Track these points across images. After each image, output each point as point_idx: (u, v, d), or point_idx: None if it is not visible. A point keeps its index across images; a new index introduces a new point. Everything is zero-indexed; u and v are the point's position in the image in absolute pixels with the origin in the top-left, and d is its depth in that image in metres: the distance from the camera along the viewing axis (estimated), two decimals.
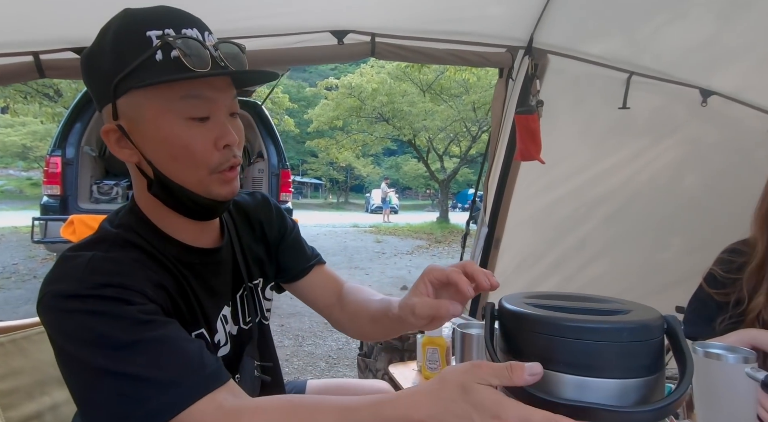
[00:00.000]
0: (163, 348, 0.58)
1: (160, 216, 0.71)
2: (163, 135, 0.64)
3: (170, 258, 0.70)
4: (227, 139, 0.67)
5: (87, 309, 0.58)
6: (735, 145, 1.82)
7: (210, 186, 0.68)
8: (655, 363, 0.50)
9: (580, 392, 0.49)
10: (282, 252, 0.91)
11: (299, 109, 19.28)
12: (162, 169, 0.67)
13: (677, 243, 2.11)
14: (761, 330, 1.11)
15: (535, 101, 1.70)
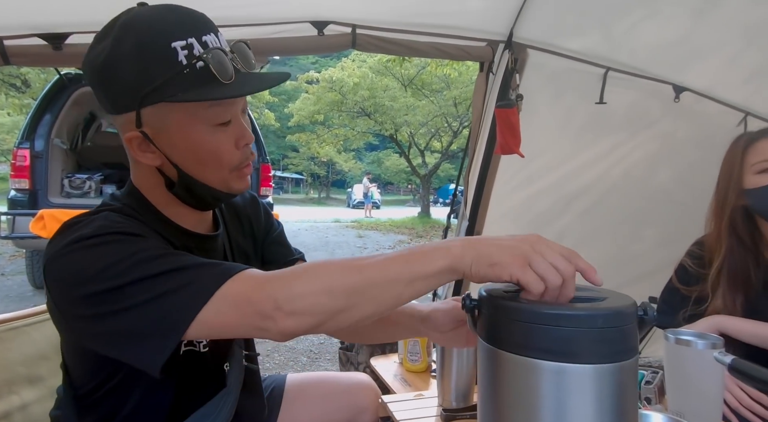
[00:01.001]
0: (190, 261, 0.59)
1: (162, 203, 0.73)
2: (192, 142, 0.67)
3: (171, 240, 0.72)
4: (246, 139, 0.71)
5: (112, 239, 0.60)
6: (706, 140, 1.87)
7: (230, 182, 0.72)
8: (630, 348, 0.52)
9: (558, 378, 0.50)
10: (267, 248, 0.93)
11: (280, 102, 19.01)
12: (188, 171, 0.69)
13: (651, 236, 2.17)
14: (728, 317, 1.15)
15: (515, 95, 1.72)
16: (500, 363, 0.54)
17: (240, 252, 0.88)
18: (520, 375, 0.52)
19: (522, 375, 0.52)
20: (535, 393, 0.51)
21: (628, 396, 0.52)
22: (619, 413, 0.51)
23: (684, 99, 1.78)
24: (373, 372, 1.52)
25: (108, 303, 0.57)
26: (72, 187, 3.84)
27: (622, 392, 0.51)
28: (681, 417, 0.90)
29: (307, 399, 1.02)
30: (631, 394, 0.53)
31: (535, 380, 0.51)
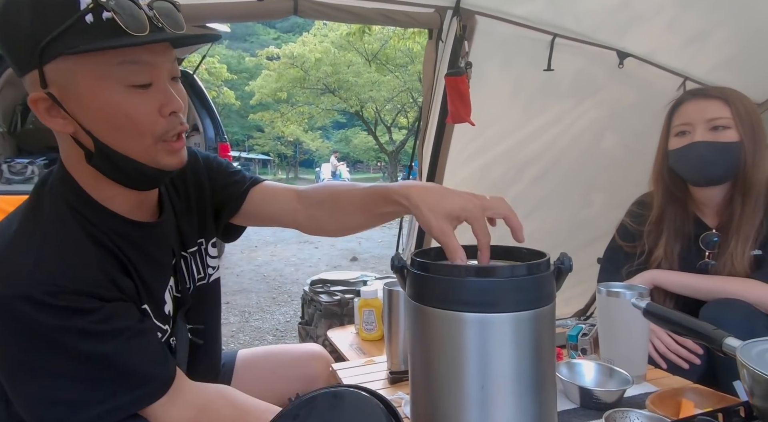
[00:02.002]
0: (116, 360, 0.60)
1: (96, 187, 0.67)
2: (102, 103, 0.60)
3: (109, 232, 0.66)
4: (172, 106, 0.64)
5: (40, 318, 0.57)
6: (649, 105, 1.93)
7: (157, 155, 0.65)
8: (545, 296, 0.54)
9: (480, 327, 0.53)
10: (219, 190, 0.89)
11: (240, 80, 18.31)
12: (103, 139, 0.62)
13: (600, 201, 2.25)
14: (661, 270, 1.22)
15: (464, 63, 1.71)
16: (426, 318, 0.56)
17: (191, 223, 0.84)
18: (444, 328, 0.54)
19: (447, 328, 0.54)
20: (460, 343, 0.53)
21: (545, 341, 0.55)
22: (538, 356, 0.54)
23: (627, 65, 1.83)
24: (331, 345, 1.54)
25: (31, 377, 0.58)
26: (12, 173, 3.61)
27: (540, 337, 0.54)
28: (611, 364, 0.96)
29: (257, 373, 1.01)
30: (547, 338, 0.56)
31: (459, 331, 0.53)
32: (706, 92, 1.17)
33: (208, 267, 0.88)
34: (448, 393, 0.54)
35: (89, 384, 0.59)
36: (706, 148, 1.13)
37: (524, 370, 0.53)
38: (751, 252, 1.12)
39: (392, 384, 0.99)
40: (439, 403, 0.55)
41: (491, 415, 0.52)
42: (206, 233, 0.88)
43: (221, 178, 0.90)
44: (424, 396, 0.57)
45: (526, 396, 0.53)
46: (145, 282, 0.70)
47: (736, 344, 0.58)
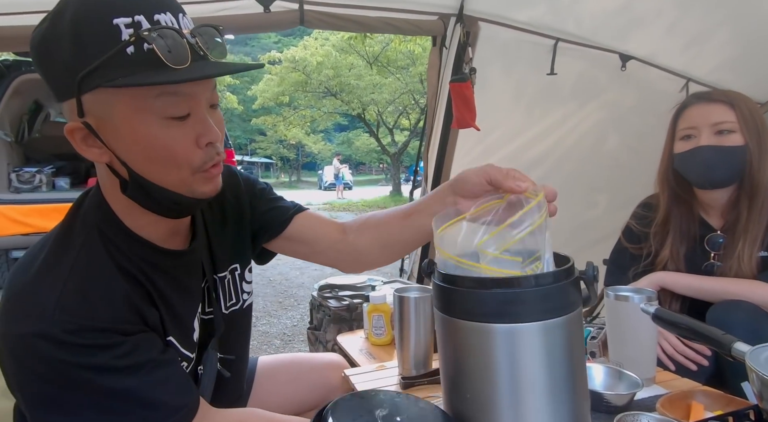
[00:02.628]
0: (139, 395, 0.60)
1: (130, 215, 0.66)
2: (139, 136, 0.59)
3: (140, 262, 0.66)
4: (210, 137, 0.62)
5: (61, 356, 0.56)
6: (651, 107, 1.95)
7: (193, 185, 0.64)
8: (571, 303, 0.55)
9: (509, 337, 0.54)
10: (259, 215, 0.87)
11: (242, 84, 18.40)
12: (139, 170, 0.61)
13: (603, 202, 2.27)
14: (667, 272, 1.23)
15: (468, 69, 1.73)
16: (454, 330, 0.57)
17: (224, 247, 0.82)
18: (474, 339, 0.55)
19: (476, 339, 0.55)
20: (490, 354, 0.54)
21: (573, 347, 0.56)
22: (567, 363, 0.55)
23: (630, 67, 1.84)
24: (341, 350, 1.55)
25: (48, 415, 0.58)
26: (20, 182, 3.63)
27: (568, 343, 0.55)
28: (620, 367, 0.97)
29: (277, 381, 1.02)
30: (576, 344, 0.57)
31: (488, 342, 0.54)
32: (711, 96, 1.18)
33: (243, 292, 0.86)
34: (481, 403, 0.55)
35: (113, 418, 0.59)
36: (711, 152, 1.14)
37: (555, 377, 0.54)
38: (758, 254, 1.13)
39: (404, 390, 1.01)
40: (472, 413, 0.56)
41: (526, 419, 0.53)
42: (242, 258, 0.86)
43: (263, 202, 0.88)
44: (458, 406, 0.58)
45: (559, 403, 0.54)
46: (173, 311, 0.69)
47: (745, 349, 0.59)
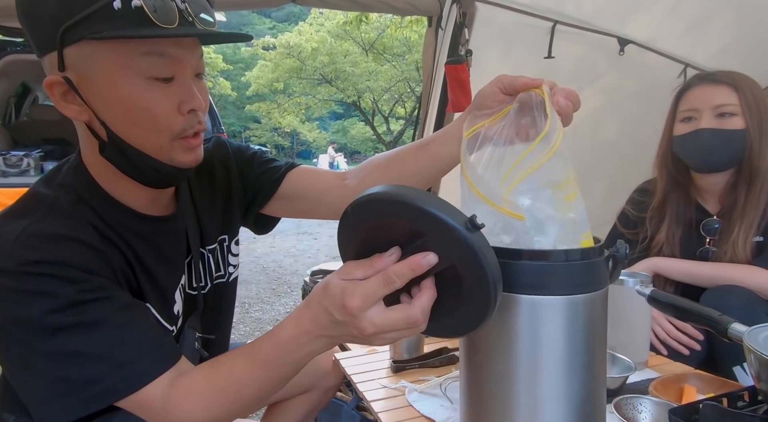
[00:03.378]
0: (110, 330, 0.56)
1: (110, 180, 0.64)
2: (121, 94, 0.58)
3: (117, 227, 0.64)
4: (193, 103, 0.61)
5: (18, 287, 0.54)
6: (649, 92, 1.93)
7: (172, 153, 0.62)
8: (597, 281, 0.55)
9: (532, 309, 0.53)
10: (252, 181, 0.85)
11: (236, 71, 18.14)
12: (118, 132, 0.60)
13: (600, 190, 2.25)
14: (661, 258, 1.22)
15: (464, 51, 1.70)
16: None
17: (211, 219, 0.80)
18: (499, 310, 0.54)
19: (502, 310, 0.54)
20: (514, 325, 0.54)
21: (596, 325, 0.56)
22: (589, 339, 0.55)
23: (628, 52, 1.81)
24: None
25: (19, 354, 0.55)
26: (8, 165, 3.57)
27: (591, 320, 0.55)
28: (614, 351, 0.96)
29: None
30: (599, 322, 0.57)
31: (513, 312, 0.54)
32: (715, 77, 1.15)
33: (230, 265, 0.85)
34: (498, 374, 0.55)
35: (85, 358, 0.55)
36: (711, 135, 1.12)
37: (575, 353, 0.54)
38: (753, 239, 1.12)
39: (395, 373, 1.00)
40: (489, 386, 0.56)
41: (540, 395, 0.53)
42: (231, 229, 0.84)
43: (254, 167, 0.86)
44: (474, 378, 0.58)
45: (576, 379, 0.54)
46: (154, 282, 0.68)
47: (742, 330, 0.58)
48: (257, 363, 0.57)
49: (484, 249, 0.46)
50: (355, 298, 0.48)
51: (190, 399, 0.57)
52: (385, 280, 0.47)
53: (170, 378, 0.58)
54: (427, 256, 0.47)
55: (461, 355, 0.61)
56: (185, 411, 0.57)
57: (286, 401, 1.04)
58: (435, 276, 0.49)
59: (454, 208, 0.46)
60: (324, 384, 1.05)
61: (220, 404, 0.58)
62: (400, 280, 0.48)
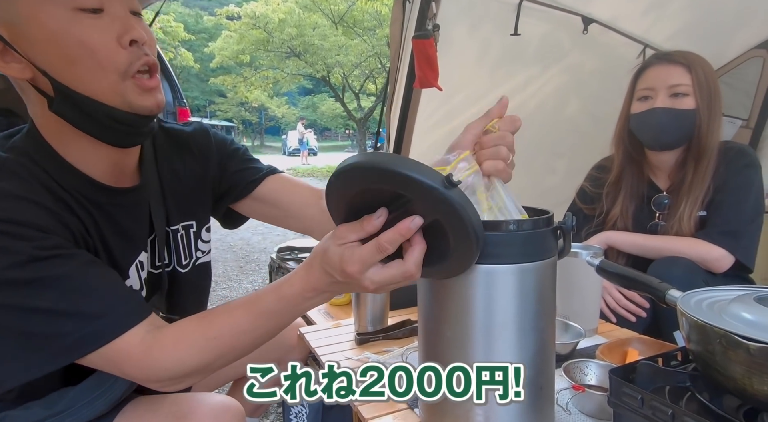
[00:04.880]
0: (74, 283, 0.55)
1: (65, 143, 0.61)
2: (49, 32, 0.54)
3: (74, 193, 0.60)
4: (132, 34, 0.57)
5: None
6: (610, 72, 1.97)
7: (127, 94, 0.58)
8: (546, 250, 0.58)
9: (486, 277, 0.56)
10: (229, 175, 0.83)
11: (199, 41, 17.31)
12: (61, 78, 0.56)
13: (563, 167, 2.32)
14: (614, 231, 1.28)
15: (432, 25, 1.68)
16: None
17: (180, 201, 0.77)
18: (457, 280, 0.57)
19: (458, 280, 0.57)
20: (470, 293, 0.56)
21: (545, 290, 0.59)
22: (539, 305, 0.58)
23: (591, 31, 1.84)
24: None
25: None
26: None
27: (541, 287, 0.58)
28: (566, 319, 1.01)
29: None
30: (549, 288, 0.60)
31: (469, 285, 0.56)
32: (671, 57, 1.19)
33: (198, 250, 0.82)
34: (458, 340, 0.57)
35: (49, 313, 0.54)
36: (664, 114, 1.17)
37: (526, 317, 0.57)
38: (698, 214, 1.19)
39: (359, 345, 1.02)
40: (449, 351, 0.58)
41: (492, 359, 0.56)
42: (199, 216, 0.82)
43: (234, 163, 0.84)
44: (435, 345, 0.60)
45: (528, 342, 0.58)
46: (110, 253, 0.65)
47: (677, 295, 0.63)
48: (260, 315, 0.58)
49: (463, 203, 0.48)
50: (353, 264, 0.50)
51: (179, 346, 0.57)
52: (378, 248, 0.50)
53: (146, 330, 0.57)
54: (414, 220, 0.50)
55: (419, 324, 0.63)
56: (173, 357, 0.57)
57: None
58: (423, 230, 0.52)
59: (430, 169, 0.48)
60: (290, 358, 1.07)
61: (214, 351, 0.58)
62: (392, 246, 0.50)
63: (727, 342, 0.48)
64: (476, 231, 0.50)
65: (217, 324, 0.59)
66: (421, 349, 0.63)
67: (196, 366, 0.58)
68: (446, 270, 0.56)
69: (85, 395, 0.63)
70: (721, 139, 1.20)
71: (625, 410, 0.56)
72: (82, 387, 0.63)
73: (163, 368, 0.57)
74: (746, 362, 0.47)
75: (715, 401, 0.55)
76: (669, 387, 0.59)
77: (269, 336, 0.61)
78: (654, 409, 0.53)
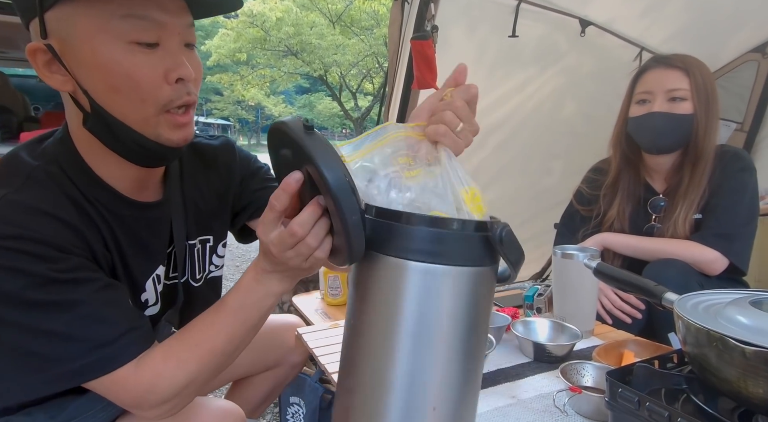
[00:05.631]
0: (88, 309, 0.55)
1: (95, 156, 0.62)
2: (101, 60, 0.55)
3: (98, 205, 0.61)
4: (180, 72, 0.58)
5: None
6: (606, 74, 1.99)
7: (158, 128, 0.60)
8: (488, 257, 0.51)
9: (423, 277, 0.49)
10: (249, 193, 0.84)
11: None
12: (100, 101, 0.57)
13: (558, 169, 2.33)
14: (609, 234, 1.29)
15: (430, 26, 1.68)
16: (371, 264, 0.51)
17: (199, 215, 0.77)
18: (393, 278, 0.50)
19: (395, 278, 0.50)
20: (401, 292, 0.49)
21: (481, 299, 0.51)
22: (473, 312, 0.50)
23: (589, 33, 1.85)
24: (296, 310, 1.55)
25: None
26: None
27: (477, 293, 0.50)
28: (563, 321, 1.02)
29: None
30: (484, 297, 0.52)
31: (405, 283, 0.49)
32: (669, 61, 1.20)
33: (211, 264, 0.83)
34: (379, 344, 0.51)
35: (60, 337, 0.54)
36: (661, 118, 1.18)
37: (458, 324, 0.50)
38: (693, 216, 1.20)
39: None
40: (369, 353, 0.52)
41: (420, 364, 0.50)
42: (218, 232, 0.82)
43: (256, 181, 0.85)
44: (353, 344, 0.54)
45: (456, 351, 0.51)
46: (127, 266, 0.66)
47: (673, 298, 0.63)
48: (225, 311, 0.60)
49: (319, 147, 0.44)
50: (260, 226, 0.53)
51: (168, 362, 0.58)
52: (270, 206, 0.52)
53: (140, 357, 0.58)
54: (293, 174, 0.50)
55: (347, 316, 0.55)
56: (164, 375, 0.57)
57: (252, 377, 1.05)
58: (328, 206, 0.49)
59: (300, 119, 0.46)
60: (290, 359, 1.07)
61: (197, 360, 0.59)
62: (279, 203, 0.51)
63: (723, 346, 0.49)
64: (337, 185, 0.44)
65: (194, 331, 0.60)
66: (343, 347, 0.56)
67: (185, 381, 0.58)
68: (340, 254, 0.51)
69: (89, 406, 0.64)
70: (717, 142, 1.21)
71: (621, 412, 0.57)
72: (86, 397, 0.63)
73: (155, 389, 0.57)
74: (742, 365, 0.48)
75: (711, 403, 0.55)
76: (665, 389, 0.60)
77: (242, 334, 0.61)
78: (650, 411, 0.54)
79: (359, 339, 0.53)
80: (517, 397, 0.79)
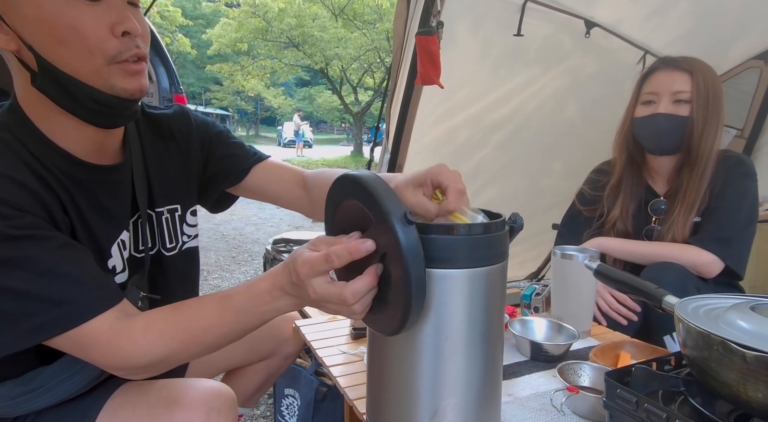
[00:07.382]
0: (46, 265, 0.55)
1: (46, 119, 0.61)
2: (44, 13, 0.55)
3: (54, 170, 0.60)
4: (126, 25, 0.58)
5: None
6: (609, 76, 1.99)
7: (111, 78, 0.59)
8: (498, 254, 0.55)
9: (443, 282, 0.53)
10: (217, 160, 0.84)
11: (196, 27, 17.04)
12: (48, 57, 0.57)
13: (558, 169, 2.33)
14: (607, 238, 1.30)
15: (436, 22, 1.67)
16: None
17: (164, 184, 0.77)
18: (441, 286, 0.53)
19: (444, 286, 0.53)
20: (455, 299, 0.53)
21: (496, 295, 0.56)
22: (490, 309, 0.55)
23: (593, 34, 1.85)
24: None
25: None
26: None
27: (492, 291, 0.55)
28: (560, 321, 1.02)
29: None
30: (499, 292, 0.57)
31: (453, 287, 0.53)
32: (676, 63, 1.20)
33: (183, 234, 0.82)
34: (406, 344, 0.55)
35: (20, 294, 0.54)
36: (664, 119, 1.18)
37: (476, 322, 0.54)
38: (693, 219, 1.21)
39: (355, 340, 1.02)
40: (397, 353, 0.56)
41: (444, 364, 0.54)
42: (184, 200, 0.82)
43: (221, 147, 0.84)
44: (383, 347, 0.58)
45: (476, 346, 0.55)
46: (90, 230, 0.65)
47: (674, 301, 0.64)
48: (228, 310, 0.59)
49: (412, 245, 0.45)
50: (304, 266, 0.52)
51: (148, 335, 0.58)
52: (326, 257, 0.51)
53: (116, 317, 0.58)
54: (366, 243, 0.50)
55: (368, 330, 0.59)
56: (141, 346, 0.57)
57: (246, 367, 1.05)
58: (385, 273, 0.50)
59: (397, 198, 0.46)
60: (284, 350, 1.07)
61: (180, 342, 0.59)
62: (339, 260, 0.51)
63: (723, 349, 0.49)
64: (415, 282, 0.46)
65: (187, 315, 0.60)
66: (369, 353, 0.61)
67: (161, 356, 0.58)
68: (383, 325, 0.53)
69: (62, 372, 0.64)
70: (720, 147, 1.21)
71: (619, 412, 0.57)
72: (58, 364, 0.64)
73: (129, 355, 0.57)
74: (742, 369, 0.48)
75: (708, 405, 0.56)
76: (663, 390, 0.60)
77: (236, 335, 0.61)
78: (648, 412, 0.54)
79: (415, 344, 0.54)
80: (513, 395, 0.80)
